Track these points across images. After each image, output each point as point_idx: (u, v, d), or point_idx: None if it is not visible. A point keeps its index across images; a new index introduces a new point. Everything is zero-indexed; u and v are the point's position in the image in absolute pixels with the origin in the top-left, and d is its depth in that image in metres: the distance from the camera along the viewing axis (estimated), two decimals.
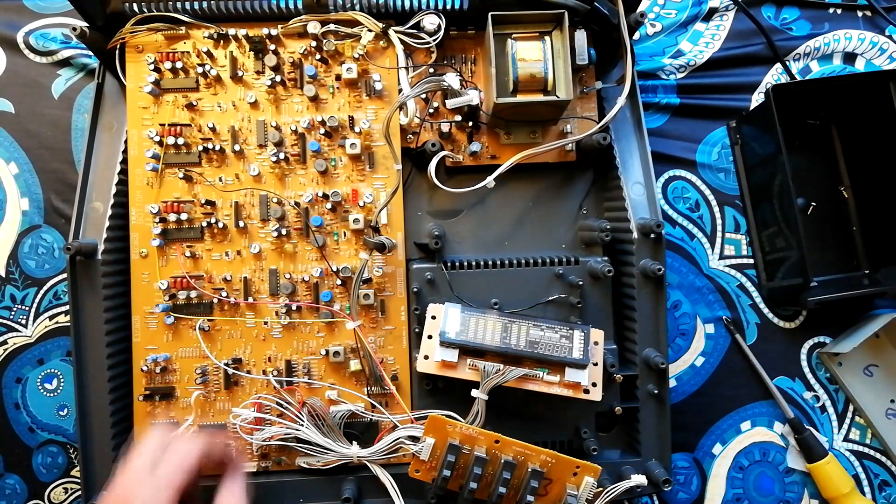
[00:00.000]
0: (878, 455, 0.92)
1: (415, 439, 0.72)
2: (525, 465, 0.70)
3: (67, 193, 0.88)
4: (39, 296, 0.88)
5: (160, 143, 0.77)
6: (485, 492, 0.70)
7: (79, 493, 0.86)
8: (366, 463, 0.73)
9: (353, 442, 0.75)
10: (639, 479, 0.73)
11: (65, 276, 0.76)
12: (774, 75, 0.96)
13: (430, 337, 0.74)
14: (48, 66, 0.90)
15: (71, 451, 0.87)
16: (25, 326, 0.88)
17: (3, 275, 0.88)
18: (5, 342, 0.88)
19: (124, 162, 0.78)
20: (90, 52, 0.88)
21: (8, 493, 0.87)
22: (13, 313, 0.88)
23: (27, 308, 0.88)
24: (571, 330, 0.73)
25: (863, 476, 0.92)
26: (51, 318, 0.88)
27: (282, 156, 0.77)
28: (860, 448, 0.92)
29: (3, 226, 0.88)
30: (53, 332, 0.88)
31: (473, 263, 0.79)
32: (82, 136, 0.79)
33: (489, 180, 0.77)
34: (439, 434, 0.70)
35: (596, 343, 0.74)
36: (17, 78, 0.90)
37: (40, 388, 0.88)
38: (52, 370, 0.88)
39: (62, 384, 0.88)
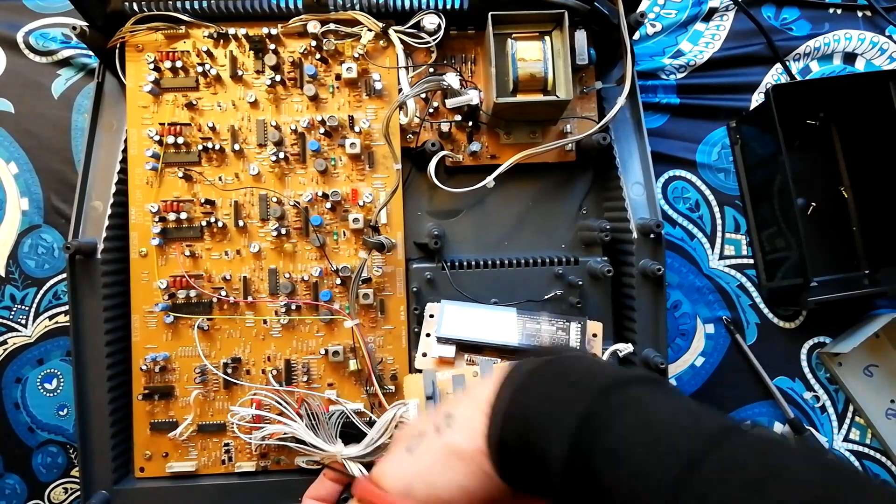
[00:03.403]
0: (878, 455, 0.92)
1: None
2: None
3: (67, 193, 0.88)
4: (39, 296, 0.88)
5: (160, 143, 0.77)
6: None
7: (79, 493, 0.86)
8: (345, 462, 0.72)
9: (339, 440, 0.74)
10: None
11: (65, 275, 0.76)
12: (774, 75, 0.96)
13: (428, 335, 0.74)
14: (48, 66, 0.90)
15: (71, 451, 0.87)
16: (25, 326, 0.88)
17: (3, 275, 0.88)
18: (5, 342, 0.88)
19: (124, 161, 0.78)
20: (90, 52, 0.88)
21: (8, 493, 0.87)
22: (13, 313, 0.88)
23: (27, 308, 0.88)
24: (568, 322, 0.73)
25: None
26: (51, 318, 0.88)
27: (281, 155, 0.78)
28: (860, 448, 0.92)
29: (3, 226, 0.88)
30: (53, 332, 0.88)
31: (473, 263, 0.79)
32: (82, 135, 0.79)
33: (489, 180, 0.77)
34: (420, 393, 0.69)
35: (595, 335, 0.74)
36: (17, 78, 0.90)
37: (40, 388, 0.87)
38: (52, 370, 0.88)
39: (62, 384, 0.88)
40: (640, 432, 0.37)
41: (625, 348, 0.73)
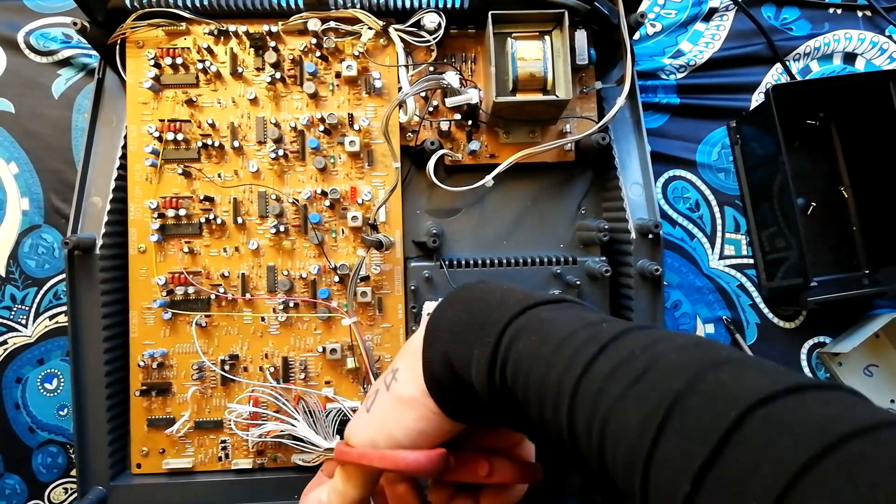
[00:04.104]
0: None
1: None
2: None
3: (67, 193, 0.88)
4: (39, 296, 0.88)
5: (159, 139, 0.77)
6: None
7: None
8: None
9: (337, 437, 0.74)
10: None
11: (65, 276, 0.76)
12: (774, 75, 0.96)
13: None
14: (48, 65, 0.90)
15: (71, 450, 0.87)
16: (25, 326, 0.88)
17: (3, 274, 0.88)
18: (5, 342, 0.88)
19: (123, 157, 0.78)
20: (90, 52, 0.89)
21: (8, 494, 0.86)
22: (13, 313, 0.88)
23: (27, 308, 0.88)
24: None
25: None
26: (51, 317, 0.88)
27: (281, 153, 0.77)
28: None
29: (3, 226, 0.88)
30: (53, 332, 0.88)
31: (471, 262, 0.79)
32: (82, 135, 0.79)
33: (488, 179, 0.77)
34: None
35: None
36: (17, 78, 0.90)
37: (40, 388, 0.87)
38: (52, 370, 0.88)
39: (62, 384, 0.87)
40: (541, 347, 0.41)
41: None
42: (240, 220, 0.78)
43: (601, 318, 0.42)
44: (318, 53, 0.79)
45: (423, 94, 0.80)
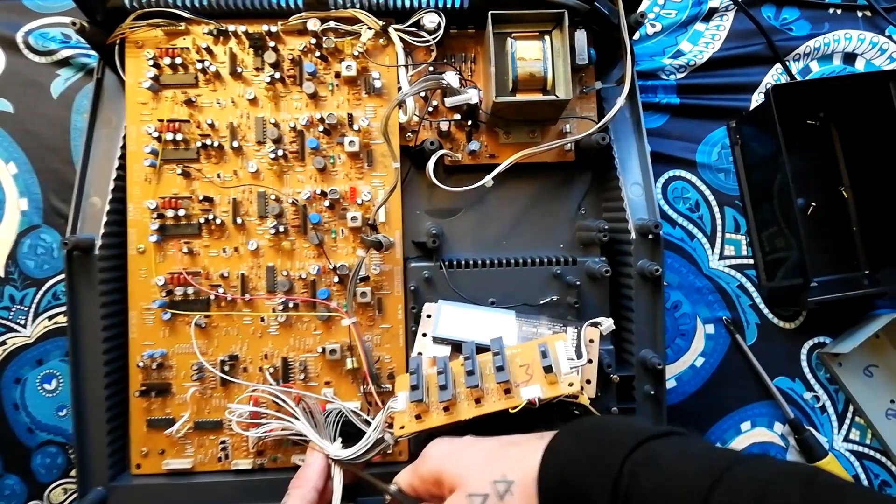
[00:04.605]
0: (878, 455, 0.92)
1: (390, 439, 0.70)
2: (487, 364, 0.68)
3: (66, 193, 0.88)
4: (38, 296, 0.88)
5: (158, 139, 0.77)
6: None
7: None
8: (333, 465, 0.71)
9: (339, 438, 0.74)
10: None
11: (64, 276, 0.76)
12: (774, 75, 0.96)
13: (424, 335, 0.74)
14: (47, 66, 0.90)
15: (70, 451, 0.87)
16: (24, 327, 0.88)
17: (3, 275, 0.88)
18: (4, 342, 0.87)
19: (122, 157, 0.78)
20: (89, 53, 0.89)
21: (7, 494, 0.86)
22: (12, 313, 0.88)
23: (26, 308, 0.88)
24: (565, 327, 0.73)
25: (863, 476, 0.91)
26: (50, 318, 0.88)
27: (280, 153, 0.77)
28: (860, 448, 0.92)
29: (2, 226, 0.88)
30: (53, 333, 0.88)
31: (471, 263, 0.79)
32: (81, 135, 0.79)
33: (488, 179, 0.77)
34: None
35: (591, 341, 0.73)
36: (16, 78, 0.90)
37: (39, 388, 0.87)
38: (52, 370, 0.88)
39: (61, 384, 0.87)
40: (659, 483, 0.46)
41: (606, 323, 0.72)
42: (239, 220, 0.78)
43: (708, 450, 0.49)
44: (317, 53, 0.79)
45: (422, 94, 0.80)
